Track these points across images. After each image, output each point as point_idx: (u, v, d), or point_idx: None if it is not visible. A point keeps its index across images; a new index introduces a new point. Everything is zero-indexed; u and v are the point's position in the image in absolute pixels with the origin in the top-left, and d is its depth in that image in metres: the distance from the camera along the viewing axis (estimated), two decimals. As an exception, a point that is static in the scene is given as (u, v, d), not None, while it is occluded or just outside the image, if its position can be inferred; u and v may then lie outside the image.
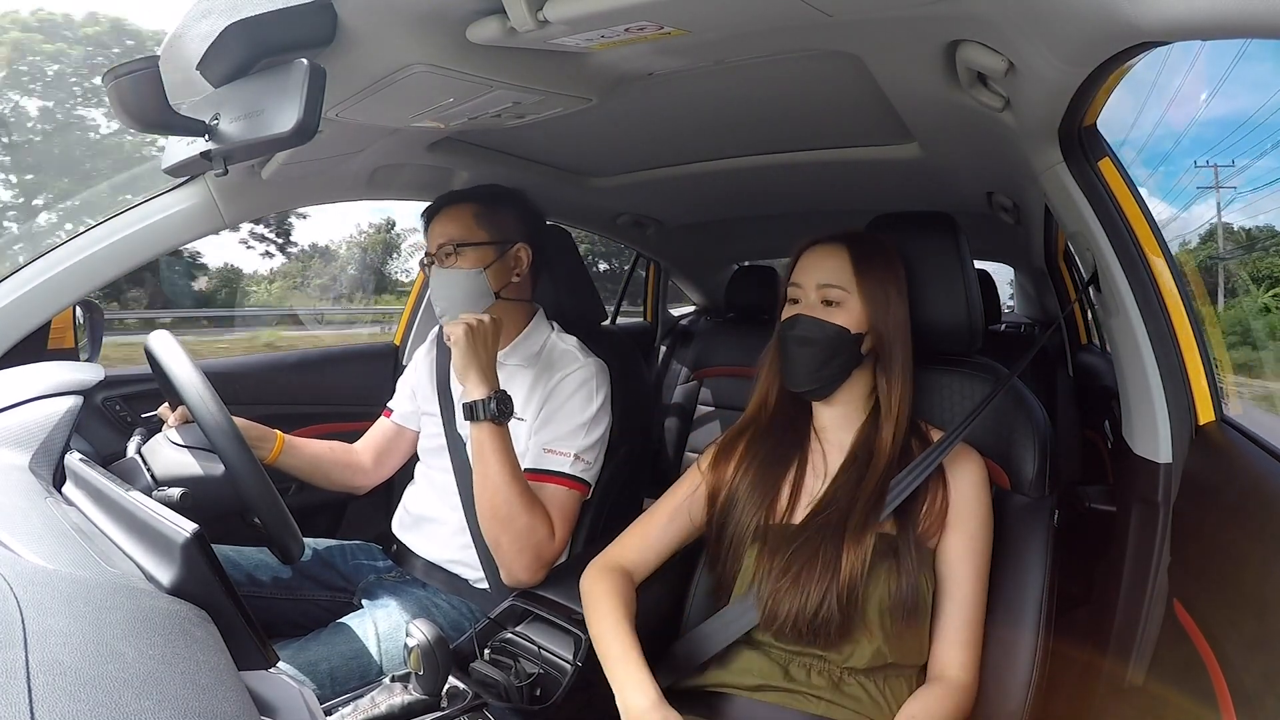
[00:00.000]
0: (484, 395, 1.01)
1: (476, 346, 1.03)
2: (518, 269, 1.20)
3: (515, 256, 1.19)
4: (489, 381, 1.03)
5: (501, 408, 1.01)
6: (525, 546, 1.01)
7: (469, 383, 1.03)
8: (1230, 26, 0.47)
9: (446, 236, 1.15)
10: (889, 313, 0.91)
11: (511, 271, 1.19)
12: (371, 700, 0.71)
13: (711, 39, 0.80)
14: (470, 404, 1.02)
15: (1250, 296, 7.35)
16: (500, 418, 1.01)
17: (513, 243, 1.18)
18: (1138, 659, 0.93)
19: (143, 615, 0.47)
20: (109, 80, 0.70)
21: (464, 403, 1.03)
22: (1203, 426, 0.92)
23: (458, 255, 1.14)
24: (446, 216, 1.17)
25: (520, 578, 1.02)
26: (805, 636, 0.84)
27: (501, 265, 1.17)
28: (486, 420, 1.01)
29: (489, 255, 1.16)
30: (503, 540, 1.01)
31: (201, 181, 1.14)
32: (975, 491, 0.89)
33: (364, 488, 1.31)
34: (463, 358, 1.03)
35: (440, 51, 0.75)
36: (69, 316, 1.16)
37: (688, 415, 2.17)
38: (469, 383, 1.03)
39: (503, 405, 1.02)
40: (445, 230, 1.15)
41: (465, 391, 1.03)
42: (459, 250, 1.14)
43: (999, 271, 3.34)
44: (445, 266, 1.14)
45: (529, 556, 1.01)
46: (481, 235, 1.16)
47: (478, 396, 1.01)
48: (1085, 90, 0.76)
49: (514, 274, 1.19)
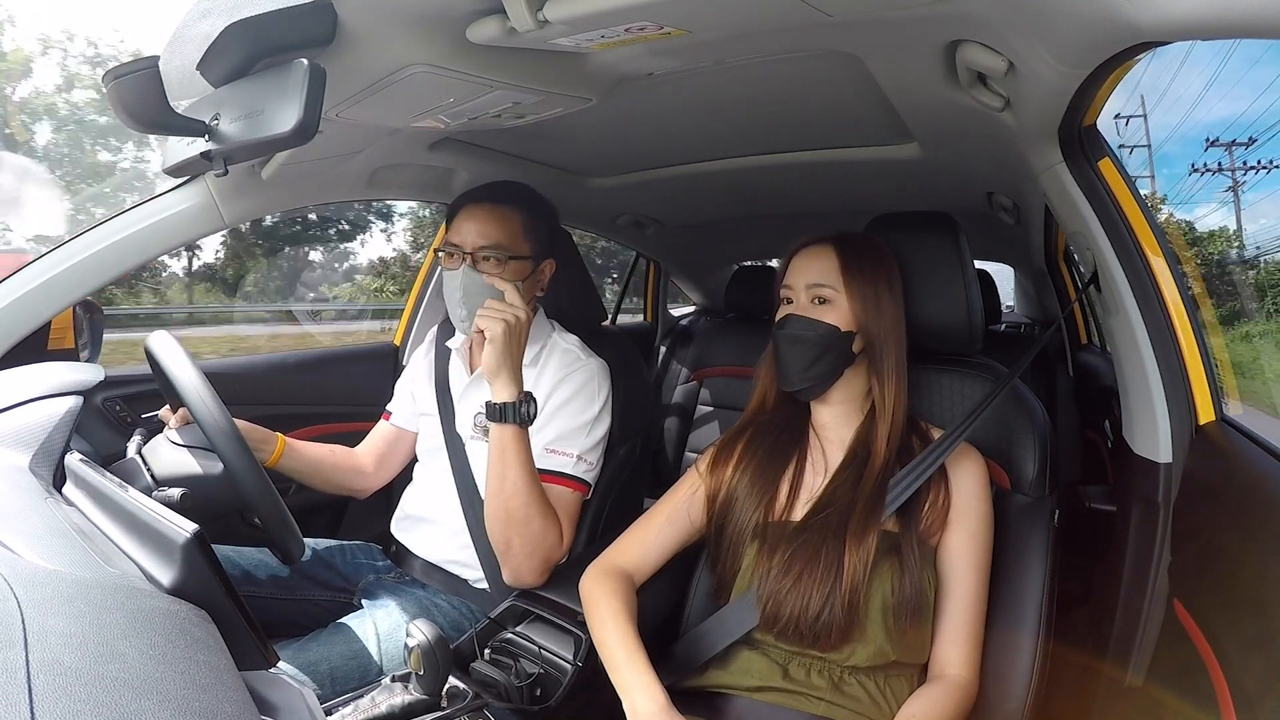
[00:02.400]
0: (513, 397, 0.98)
1: (511, 345, 0.98)
2: (542, 284, 1.18)
3: (542, 271, 1.17)
4: (518, 382, 0.99)
5: (530, 411, 0.99)
6: (537, 549, 1.00)
7: (499, 383, 0.98)
8: (1230, 26, 0.47)
9: (492, 240, 1.09)
10: (880, 311, 0.91)
11: (537, 286, 1.17)
12: (371, 700, 0.71)
13: (711, 39, 0.80)
14: (500, 406, 0.97)
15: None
16: (528, 421, 0.99)
17: (545, 257, 1.16)
18: (1138, 659, 0.93)
19: (143, 615, 0.47)
20: (109, 80, 0.69)
21: (492, 404, 0.98)
22: (1203, 426, 0.92)
23: (503, 265, 1.08)
24: (492, 217, 1.10)
25: (527, 580, 1.02)
26: (806, 638, 0.84)
27: (533, 280, 1.14)
28: (514, 423, 0.98)
29: (526, 269, 1.12)
30: (515, 543, 1.00)
31: (201, 181, 1.14)
32: (976, 490, 0.89)
33: (365, 491, 1.31)
34: (498, 357, 0.98)
35: (440, 51, 0.76)
36: (69, 316, 1.16)
37: (688, 415, 2.17)
38: (499, 383, 0.98)
39: (530, 408, 0.99)
40: (490, 233, 1.09)
41: (494, 392, 0.98)
42: (508, 261, 1.09)
43: (999, 271, 3.34)
44: (482, 271, 1.08)
45: (539, 559, 1.01)
46: (525, 249, 1.12)
47: (507, 398, 0.97)
48: (1085, 90, 0.76)
49: (539, 289, 1.17)
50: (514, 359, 0.99)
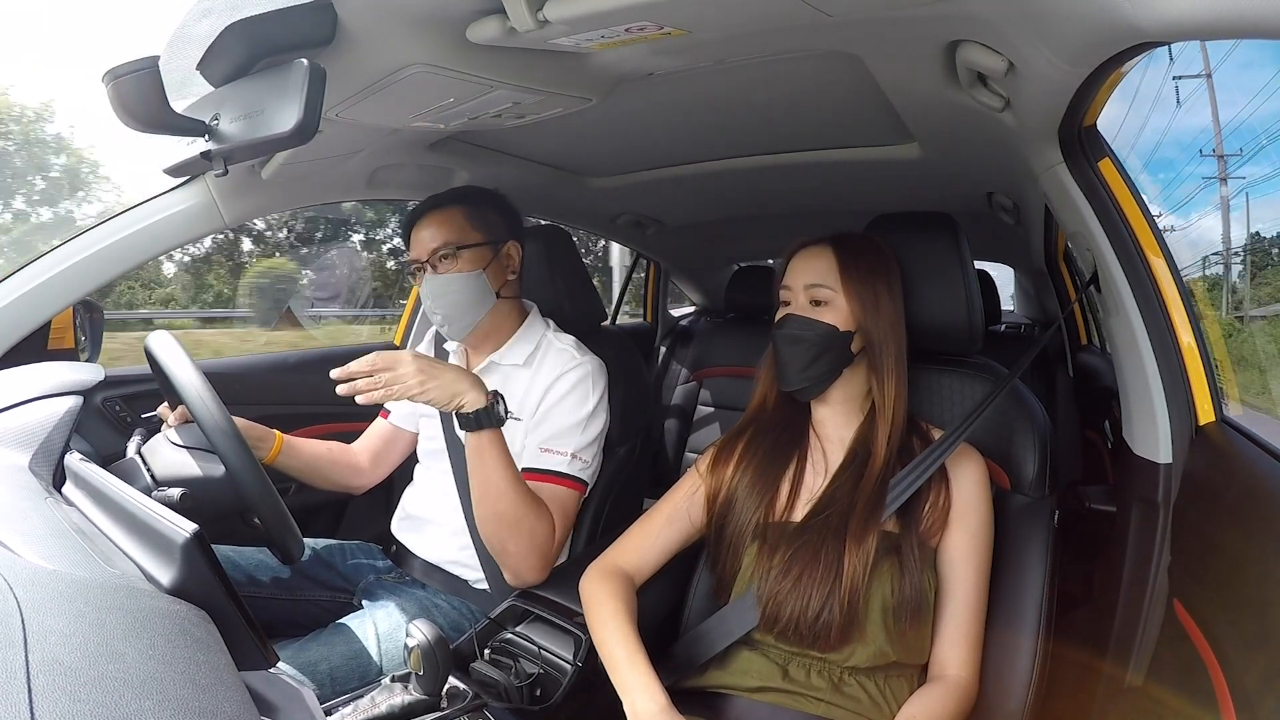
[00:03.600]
0: (483, 403, 0.95)
1: (431, 371, 0.95)
2: (511, 267, 1.19)
3: (507, 255, 1.18)
4: (477, 387, 0.96)
5: (498, 411, 0.97)
6: (532, 548, 1.00)
7: (468, 396, 0.95)
8: (1230, 27, 0.47)
9: (440, 240, 1.12)
10: (878, 311, 0.91)
11: (506, 270, 1.18)
12: (371, 700, 0.71)
13: (711, 39, 0.80)
14: (471, 415, 0.96)
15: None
16: (501, 421, 0.98)
17: (504, 241, 1.18)
18: (1138, 659, 0.93)
19: (143, 615, 0.47)
20: (108, 80, 0.69)
21: (463, 415, 0.96)
22: (1203, 426, 0.92)
23: (456, 258, 1.13)
24: (435, 221, 1.14)
25: (528, 579, 1.02)
26: (806, 639, 0.84)
27: (497, 265, 1.16)
28: (486, 428, 0.96)
29: (486, 256, 1.15)
30: (509, 544, 1.00)
31: (201, 181, 1.14)
32: (976, 490, 0.89)
33: (361, 488, 1.31)
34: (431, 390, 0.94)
35: (440, 51, 0.76)
36: (69, 316, 1.16)
37: (687, 416, 2.17)
38: (468, 396, 0.95)
39: (498, 408, 0.97)
40: (437, 234, 1.13)
41: (470, 403, 0.96)
42: (458, 253, 1.13)
43: (999, 272, 3.34)
44: (442, 272, 1.12)
45: (536, 557, 1.01)
46: (476, 236, 1.14)
47: (483, 403, 0.96)
48: (1085, 90, 0.76)
49: (509, 272, 1.19)
50: (454, 374, 0.96)
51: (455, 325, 1.14)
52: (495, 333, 1.19)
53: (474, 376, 0.98)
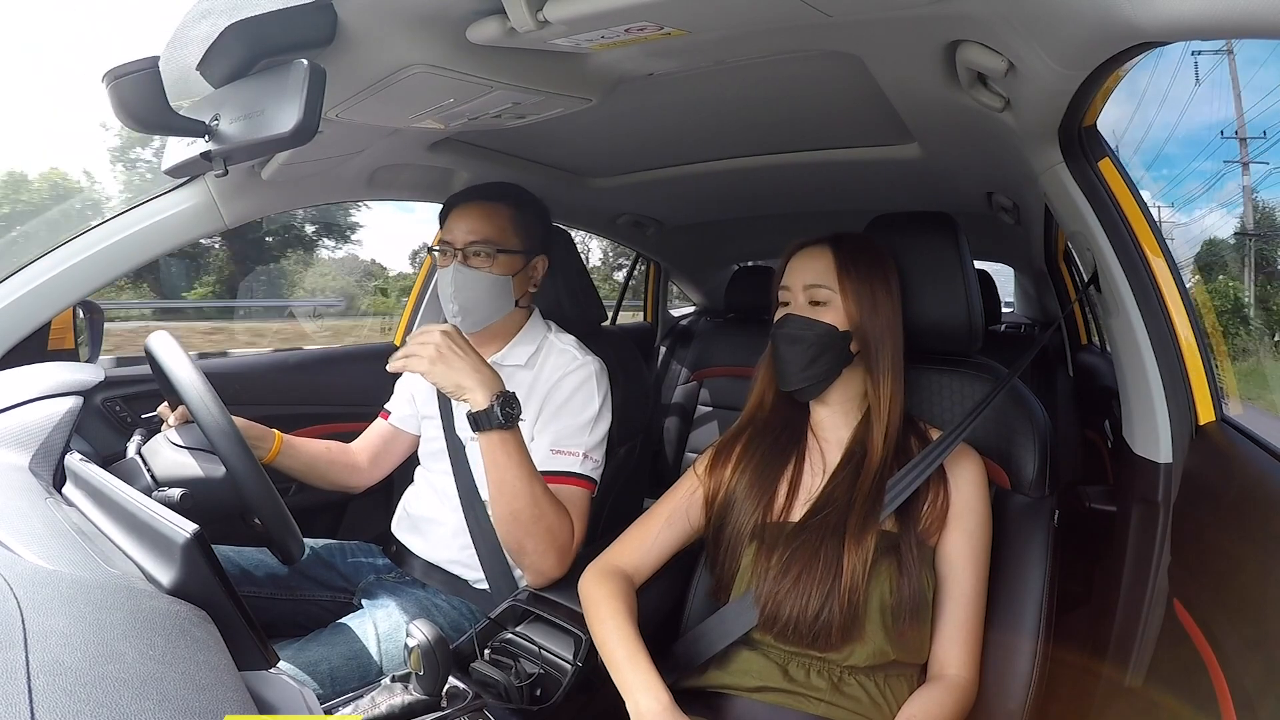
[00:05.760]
0: (488, 402, 0.93)
1: (454, 359, 0.94)
2: (534, 280, 1.19)
3: (534, 267, 1.19)
4: (490, 383, 0.95)
5: (509, 410, 0.94)
6: (551, 545, 0.99)
7: (469, 396, 0.94)
8: (1230, 27, 0.47)
9: (482, 235, 1.11)
10: (876, 311, 0.91)
11: (529, 282, 1.19)
12: (371, 700, 0.71)
13: (711, 39, 0.80)
14: (475, 416, 0.94)
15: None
16: (509, 422, 0.94)
17: (537, 254, 1.18)
18: (1138, 659, 0.93)
19: (143, 615, 0.47)
20: (108, 80, 0.69)
21: (471, 414, 0.95)
22: (1203, 426, 0.92)
23: (492, 259, 1.11)
24: (481, 213, 1.13)
25: (551, 575, 1.00)
26: (805, 638, 0.84)
27: (524, 275, 1.16)
28: (497, 428, 0.94)
29: (518, 264, 1.15)
30: (527, 544, 0.98)
31: (201, 182, 1.14)
32: (975, 490, 0.89)
33: (359, 487, 1.31)
34: (448, 377, 0.94)
35: (440, 52, 0.76)
36: (69, 316, 1.16)
37: (687, 416, 2.17)
38: (469, 396, 0.94)
39: (510, 407, 0.95)
40: (479, 228, 1.12)
41: (472, 402, 0.94)
42: (496, 255, 1.11)
43: (999, 272, 3.34)
44: (473, 266, 1.11)
45: (554, 554, 0.99)
46: (515, 242, 1.14)
47: (484, 405, 0.94)
48: (1085, 91, 0.76)
49: (531, 284, 1.19)
50: (467, 367, 0.95)
51: (468, 319, 1.13)
52: (501, 334, 1.19)
53: (490, 375, 0.96)
